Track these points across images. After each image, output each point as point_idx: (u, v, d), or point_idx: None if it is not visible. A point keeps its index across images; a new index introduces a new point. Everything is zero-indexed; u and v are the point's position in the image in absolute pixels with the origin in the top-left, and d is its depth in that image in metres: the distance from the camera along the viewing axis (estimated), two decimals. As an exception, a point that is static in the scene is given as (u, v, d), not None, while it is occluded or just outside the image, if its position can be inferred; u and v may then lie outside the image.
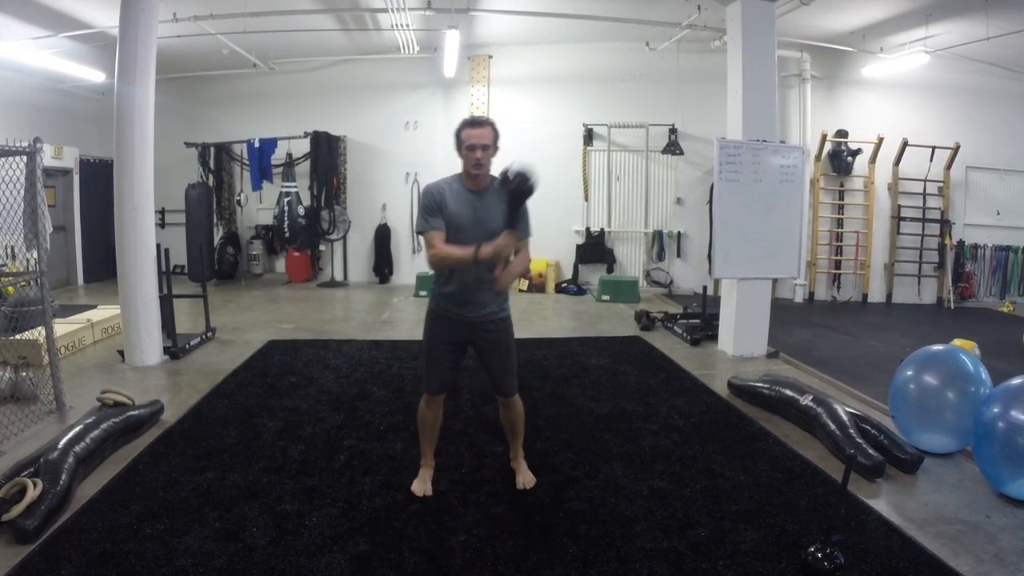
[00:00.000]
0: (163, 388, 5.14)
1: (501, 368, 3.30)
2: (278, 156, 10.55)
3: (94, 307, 7.29)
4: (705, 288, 7.87)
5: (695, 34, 8.79)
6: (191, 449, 3.91)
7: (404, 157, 10.77)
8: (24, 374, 4.68)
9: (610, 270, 10.60)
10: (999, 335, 7.91)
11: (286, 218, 10.24)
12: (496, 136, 3.11)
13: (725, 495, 3.38)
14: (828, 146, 10.24)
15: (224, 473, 3.57)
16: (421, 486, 3.40)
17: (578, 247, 10.65)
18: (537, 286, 10.48)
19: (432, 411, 3.39)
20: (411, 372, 5.54)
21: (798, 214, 6.30)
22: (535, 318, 8.36)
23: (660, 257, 10.68)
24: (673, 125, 10.22)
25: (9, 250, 6.72)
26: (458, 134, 3.08)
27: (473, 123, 3.08)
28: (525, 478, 3.50)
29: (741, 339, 6.38)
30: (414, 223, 3.07)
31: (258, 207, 11.22)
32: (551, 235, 10.55)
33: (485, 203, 3.09)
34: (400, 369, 5.69)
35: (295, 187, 10.38)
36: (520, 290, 10.42)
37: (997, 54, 8.95)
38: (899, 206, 10.35)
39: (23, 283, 5.14)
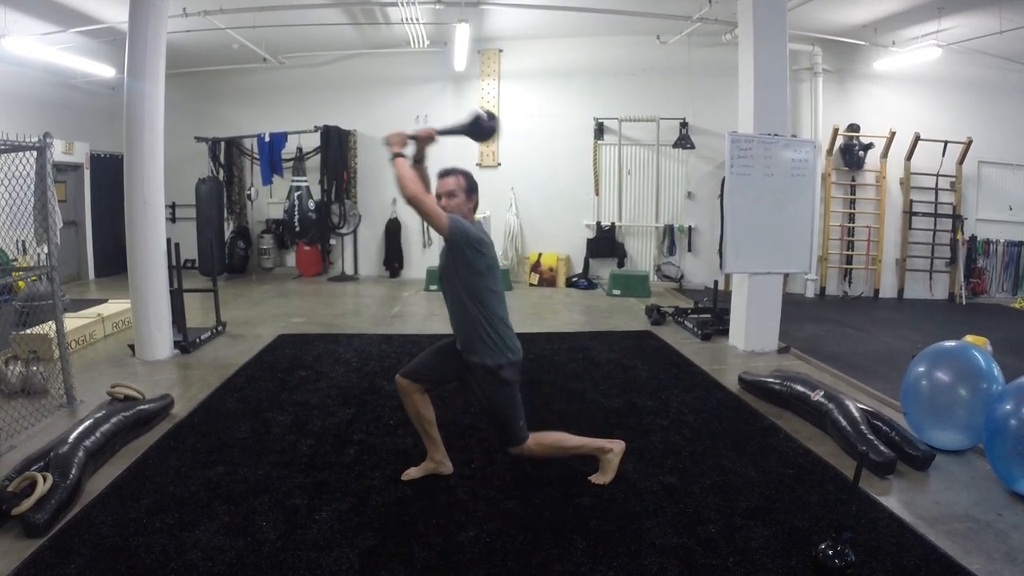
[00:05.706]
0: (173, 382, 5.16)
1: (490, 420, 3.27)
2: (288, 150, 10.56)
3: (105, 301, 7.32)
4: (716, 283, 7.85)
5: (706, 27, 8.75)
6: (201, 443, 3.92)
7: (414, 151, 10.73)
8: (35, 368, 4.72)
9: (621, 264, 10.58)
10: (1011, 331, 7.85)
11: (296, 212, 10.26)
12: (467, 185, 3.25)
13: (735, 491, 3.37)
14: (840, 140, 10.17)
15: (234, 467, 3.58)
16: (410, 471, 3.47)
17: (589, 241, 10.62)
18: (548, 280, 10.48)
19: (406, 403, 3.41)
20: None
21: (809, 209, 6.26)
22: (545, 312, 8.35)
23: (671, 251, 10.65)
24: (684, 119, 10.18)
25: (20, 245, 6.78)
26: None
27: (444, 173, 3.31)
28: (598, 475, 3.44)
29: (752, 334, 6.36)
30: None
31: (268, 201, 11.27)
32: (561, 229, 10.61)
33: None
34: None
35: (305, 181, 10.40)
36: (531, 284, 10.44)
37: (1010, 48, 8.87)
38: (911, 201, 10.28)
39: (34, 278, 5.18)
